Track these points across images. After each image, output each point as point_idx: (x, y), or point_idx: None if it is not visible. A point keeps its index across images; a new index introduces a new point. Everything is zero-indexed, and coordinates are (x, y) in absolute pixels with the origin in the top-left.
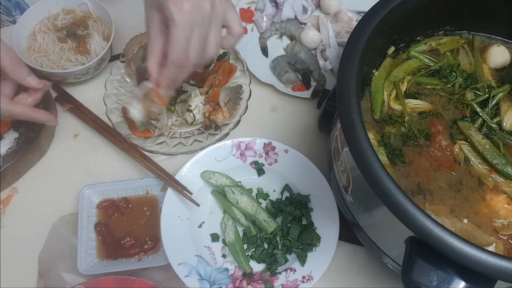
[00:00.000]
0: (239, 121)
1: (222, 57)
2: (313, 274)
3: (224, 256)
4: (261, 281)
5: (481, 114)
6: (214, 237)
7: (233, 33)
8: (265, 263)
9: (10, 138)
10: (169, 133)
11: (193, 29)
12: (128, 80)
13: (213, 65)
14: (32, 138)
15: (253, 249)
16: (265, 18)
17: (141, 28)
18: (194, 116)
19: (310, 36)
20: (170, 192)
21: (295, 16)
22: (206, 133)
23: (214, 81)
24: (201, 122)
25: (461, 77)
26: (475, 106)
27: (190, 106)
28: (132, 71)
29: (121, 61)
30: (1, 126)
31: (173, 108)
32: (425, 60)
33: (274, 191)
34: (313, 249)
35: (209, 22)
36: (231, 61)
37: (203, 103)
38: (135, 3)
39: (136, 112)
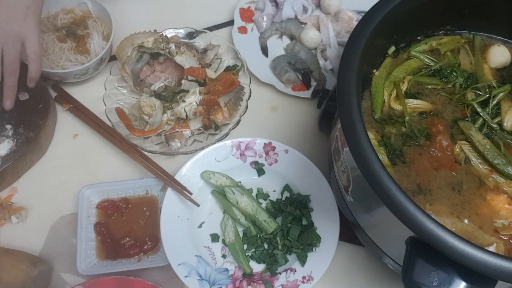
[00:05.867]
0: (239, 121)
1: (231, 69)
2: (313, 275)
3: (224, 256)
4: (261, 282)
5: (481, 114)
6: (214, 237)
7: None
8: (265, 263)
9: (9, 138)
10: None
11: None
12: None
13: (216, 64)
14: (31, 138)
15: (253, 250)
16: (265, 18)
17: (140, 28)
18: (186, 112)
19: (310, 36)
20: (170, 192)
21: (295, 16)
22: (206, 133)
23: (213, 88)
24: (190, 119)
25: (462, 77)
26: (476, 106)
27: (185, 101)
28: (127, 73)
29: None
30: None
31: (169, 105)
32: (426, 60)
33: (274, 191)
34: (313, 249)
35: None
36: (240, 73)
37: (198, 103)
38: (135, 3)
39: None
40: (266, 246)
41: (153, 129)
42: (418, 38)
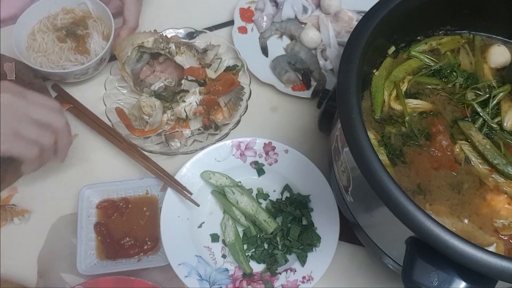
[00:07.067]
0: (239, 121)
1: (231, 69)
2: (313, 275)
3: (224, 256)
4: (261, 282)
5: (481, 114)
6: (214, 237)
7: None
8: (265, 263)
9: None
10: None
11: None
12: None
13: (216, 64)
14: None
15: (253, 250)
16: (265, 18)
17: (140, 28)
18: (186, 112)
19: (310, 36)
20: (170, 192)
21: (295, 16)
22: (206, 133)
23: (214, 88)
24: (190, 119)
25: (462, 77)
26: (476, 106)
27: (185, 101)
28: (127, 73)
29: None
30: None
31: (169, 105)
32: (426, 60)
33: (274, 191)
34: (313, 249)
35: None
36: (240, 73)
37: (198, 103)
38: None
39: None
40: (266, 246)
41: (153, 129)
42: (418, 38)
